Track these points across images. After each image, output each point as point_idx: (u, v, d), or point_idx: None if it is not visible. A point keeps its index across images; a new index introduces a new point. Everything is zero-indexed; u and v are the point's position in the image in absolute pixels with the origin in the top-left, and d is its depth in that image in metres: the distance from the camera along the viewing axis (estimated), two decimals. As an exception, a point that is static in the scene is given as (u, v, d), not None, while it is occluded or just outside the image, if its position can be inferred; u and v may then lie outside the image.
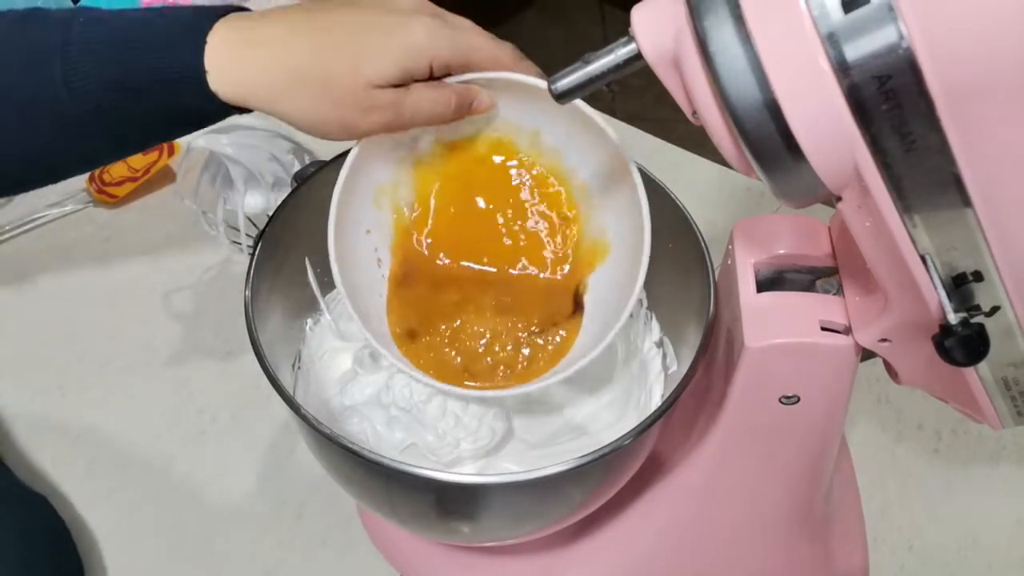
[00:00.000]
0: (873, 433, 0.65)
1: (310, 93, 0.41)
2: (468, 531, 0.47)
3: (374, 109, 0.41)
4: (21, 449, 0.63)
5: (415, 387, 0.51)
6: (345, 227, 0.46)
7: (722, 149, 0.31)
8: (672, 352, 0.53)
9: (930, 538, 0.60)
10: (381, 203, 0.49)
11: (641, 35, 0.31)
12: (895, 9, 0.25)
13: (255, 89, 0.41)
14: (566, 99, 0.34)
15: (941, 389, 0.40)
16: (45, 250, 0.77)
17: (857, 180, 0.29)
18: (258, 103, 0.41)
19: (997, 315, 0.32)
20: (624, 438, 0.40)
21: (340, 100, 0.41)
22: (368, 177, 0.47)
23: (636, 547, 0.54)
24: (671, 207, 0.50)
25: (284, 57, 0.40)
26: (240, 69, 0.40)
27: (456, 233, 0.50)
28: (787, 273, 0.45)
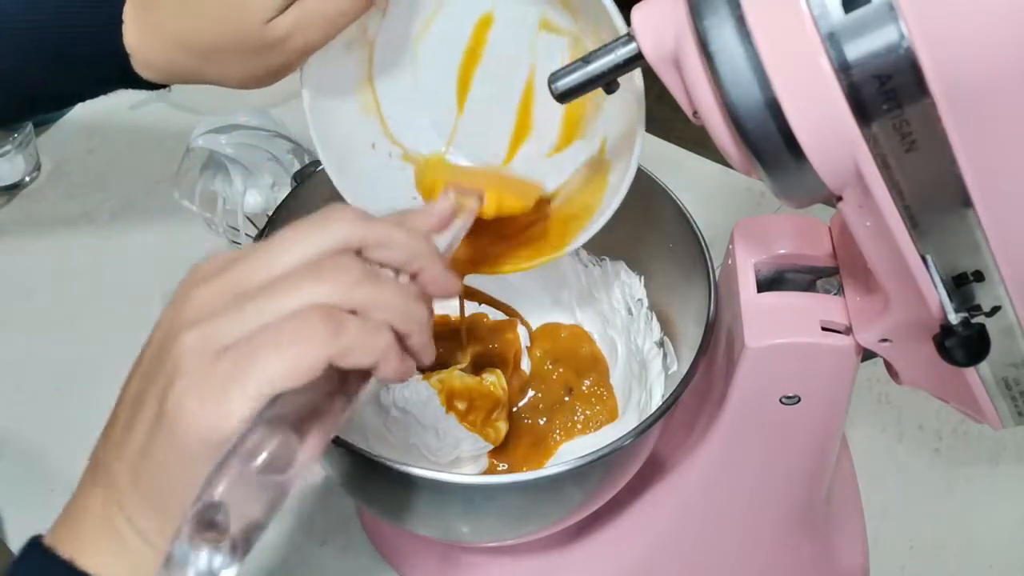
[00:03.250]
0: (873, 433, 0.65)
1: (215, 60, 0.41)
2: (468, 531, 0.47)
3: (283, 40, 0.40)
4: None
5: (415, 387, 0.51)
6: (348, 157, 0.46)
7: (723, 149, 0.31)
8: (672, 352, 0.53)
9: (930, 538, 0.60)
10: (366, 104, 0.48)
11: (641, 35, 0.31)
12: (896, 9, 0.25)
13: (173, 72, 0.42)
14: (566, 99, 0.34)
15: (942, 389, 0.40)
16: (44, 250, 0.76)
17: (857, 180, 0.29)
18: (184, 80, 0.43)
19: (998, 315, 0.32)
20: (624, 438, 0.40)
21: (245, 53, 0.40)
22: (340, 94, 0.46)
23: (636, 547, 0.54)
24: (671, 207, 0.50)
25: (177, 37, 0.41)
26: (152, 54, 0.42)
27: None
28: (787, 273, 0.45)
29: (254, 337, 0.27)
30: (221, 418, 0.26)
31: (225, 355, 0.27)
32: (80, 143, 0.86)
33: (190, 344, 0.27)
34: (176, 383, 0.27)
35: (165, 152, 0.79)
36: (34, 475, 0.62)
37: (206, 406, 0.26)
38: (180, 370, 0.27)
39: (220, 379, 0.27)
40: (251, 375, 0.26)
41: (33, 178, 0.81)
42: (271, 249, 0.29)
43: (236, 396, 0.26)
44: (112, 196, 0.81)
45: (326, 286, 0.28)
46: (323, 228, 0.29)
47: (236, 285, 0.29)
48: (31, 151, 0.80)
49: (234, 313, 0.28)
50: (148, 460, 0.28)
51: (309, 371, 0.27)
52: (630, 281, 0.56)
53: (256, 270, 0.29)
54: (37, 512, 0.65)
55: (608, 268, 0.57)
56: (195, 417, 0.26)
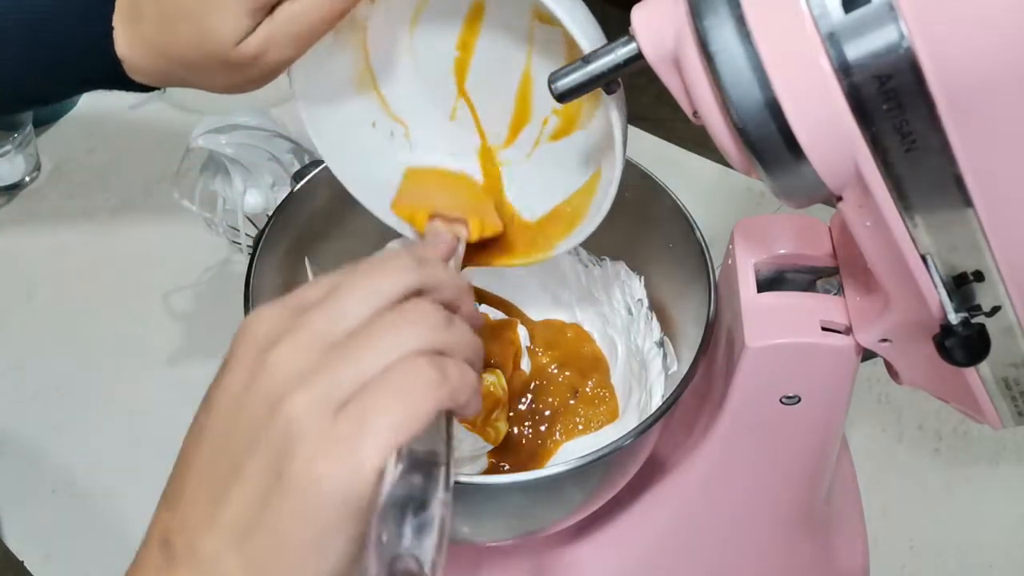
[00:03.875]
0: (873, 433, 0.65)
1: (198, 71, 0.41)
2: (468, 531, 0.47)
3: (256, 58, 0.39)
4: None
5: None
6: (345, 140, 0.46)
7: (723, 149, 0.31)
8: (672, 352, 0.53)
9: (930, 538, 0.60)
10: (365, 87, 0.47)
11: (641, 35, 0.31)
12: (896, 9, 0.25)
13: (162, 78, 0.43)
14: (566, 99, 0.34)
15: (942, 389, 0.40)
16: (44, 249, 0.77)
17: (858, 180, 0.29)
18: (173, 85, 0.43)
19: (998, 315, 0.32)
20: (624, 438, 0.40)
21: (224, 68, 0.40)
22: (334, 76, 0.45)
23: (636, 547, 0.54)
24: (671, 207, 0.50)
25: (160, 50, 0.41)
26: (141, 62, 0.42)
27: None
28: (787, 273, 0.45)
29: (369, 389, 0.27)
30: (356, 476, 0.26)
31: (344, 412, 0.26)
32: (80, 143, 0.86)
33: (304, 406, 0.26)
34: (298, 449, 0.26)
35: (165, 152, 0.79)
36: (34, 475, 0.62)
37: (338, 466, 0.26)
38: (300, 435, 0.26)
39: (347, 437, 0.26)
40: (376, 427, 0.26)
41: (33, 178, 0.81)
42: (340, 299, 0.29)
43: (367, 451, 0.26)
44: (112, 196, 0.81)
45: (418, 332, 0.28)
46: (388, 276, 0.30)
47: (321, 339, 0.28)
48: (31, 151, 0.80)
49: (338, 367, 0.27)
50: (264, 532, 0.27)
51: (428, 415, 0.27)
52: (630, 281, 0.56)
53: (336, 321, 0.28)
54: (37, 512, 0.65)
55: (608, 268, 0.57)
56: (329, 480, 0.26)
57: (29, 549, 0.58)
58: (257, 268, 0.47)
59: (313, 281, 0.31)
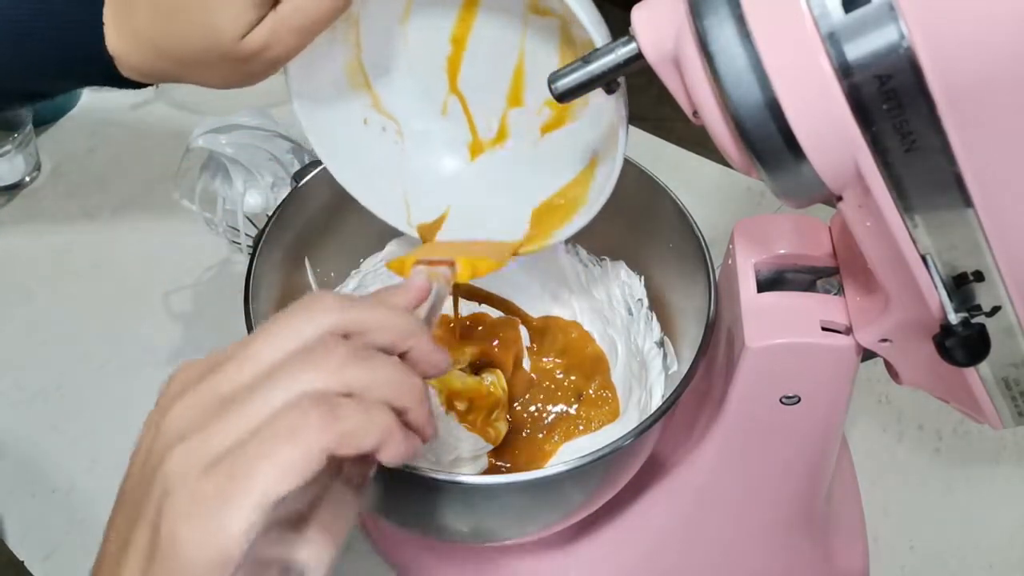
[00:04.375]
0: (873, 433, 0.65)
1: (194, 67, 0.40)
2: (468, 531, 0.47)
3: (259, 52, 0.39)
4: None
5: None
6: (339, 138, 0.46)
7: (723, 149, 0.31)
8: (672, 352, 0.53)
9: (930, 538, 0.60)
10: (357, 84, 0.47)
11: (641, 34, 0.31)
12: (896, 8, 0.25)
13: (155, 75, 0.42)
14: (566, 99, 0.34)
15: (942, 389, 0.40)
16: (44, 250, 0.77)
17: (858, 180, 0.29)
18: (166, 81, 0.42)
19: (998, 315, 0.32)
20: (624, 438, 0.40)
21: (223, 64, 0.39)
22: (327, 74, 0.45)
23: (636, 547, 0.54)
24: (671, 207, 0.50)
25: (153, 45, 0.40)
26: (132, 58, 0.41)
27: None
28: (788, 273, 0.45)
29: (244, 443, 0.24)
30: (221, 540, 0.24)
31: (214, 468, 0.24)
32: (80, 143, 0.86)
33: (177, 460, 0.25)
34: (166, 509, 0.24)
35: (165, 152, 0.79)
36: (34, 475, 0.62)
37: (202, 529, 0.24)
38: (169, 493, 0.25)
39: (213, 497, 0.24)
40: (245, 486, 0.24)
41: (33, 178, 0.81)
42: (250, 348, 0.27)
43: (233, 513, 0.24)
44: (112, 196, 0.81)
45: (312, 371, 0.26)
46: (305, 317, 0.27)
47: (216, 392, 0.26)
48: (31, 151, 0.80)
49: (219, 421, 0.25)
50: None
51: (308, 467, 0.24)
52: (630, 281, 0.56)
53: (238, 371, 0.26)
54: (37, 512, 0.65)
55: (608, 268, 0.57)
56: (193, 544, 0.24)
57: (29, 549, 0.58)
58: (257, 268, 0.47)
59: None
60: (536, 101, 0.47)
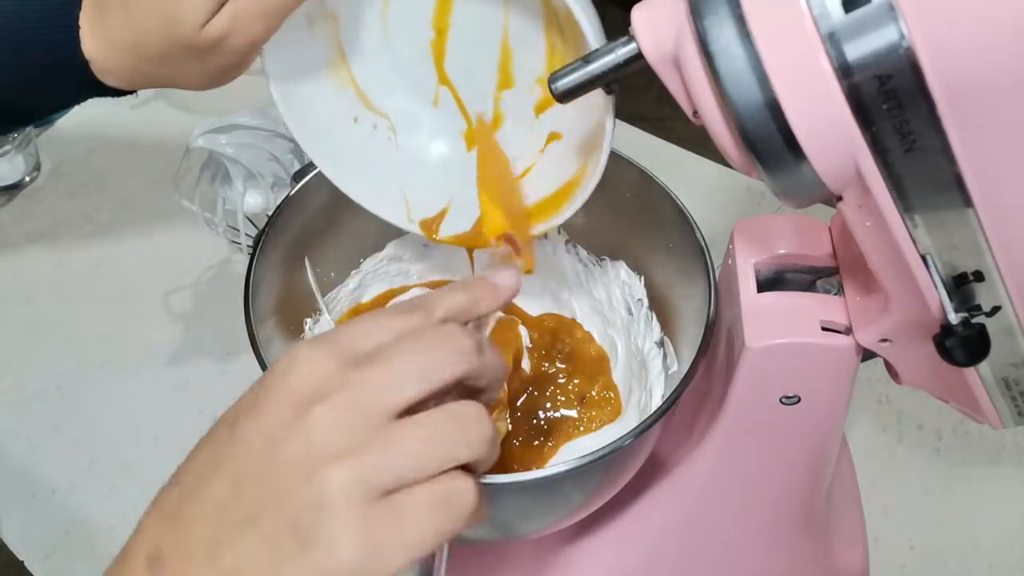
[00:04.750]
0: (873, 433, 0.65)
1: (167, 65, 0.40)
2: (468, 531, 0.47)
3: (223, 40, 0.39)
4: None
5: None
6: (330, 138, 0.45)
7: (723, 149, 0.31)
8: (672, 352, 0.53)
9: (930, 538, 0.60)
10: (342, 82, 0.47)
11: (641, 35, 0.31)
12: (896, 8, 0.25)
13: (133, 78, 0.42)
14: (566, 99, 0.34)
15: (942, 389, 0.40)
16: (45, 250, 0.77)
17: (858, 180, 0.29)
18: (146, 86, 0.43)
19: (998, 315, 0.32)
20: (624, 438, 0.40)
21: (193, 57, 0.39)
22: (310, 74, 0.45)
23: (636, 547, 0.54)
24: (671, 207, 0.50)
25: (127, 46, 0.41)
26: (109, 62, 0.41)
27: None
28: (788, 273, 0.45)
29: (414, 493, 0.27)
30: (376, 570, 0.26)
31: (381, 505, 0.26)
32: (80, 143, 0.86)
33: (343, 484, 0.26)
34: (325, 525, 0.26)
35: (165, 152, 0.79)
36: (34, 475, 0.62)
37: (361, 559, 0.26)
38: (331, 511, 0.26)
39: (377, 533, 0.26)
40: (411, 532, 0.26)
41: (33, 178, 0.81)
42: (395, 369, 0.28)
43: (393, 555, 0.26)
44: (112, 196, 0.81)
45: (468, 444, 0.28)
46: (449, 356, 0.29)
47: (369, 412, 0.27)
48: (31, 151, 0.80)
49: (385, 454, 0.27)
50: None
51: (450, 536, 0.27)
52: (630, 281, 0.56)
53: (386, 394, 0.27)
54: (37, 512, 0.65)
55: (608, 268, 0.57)
56: (348, 565, 0.25)
57: (29, 549, 0.58)
58: (257, 268, 0.47)
59: (363, 319, 0.30)
60: (527, 79, 0.46)
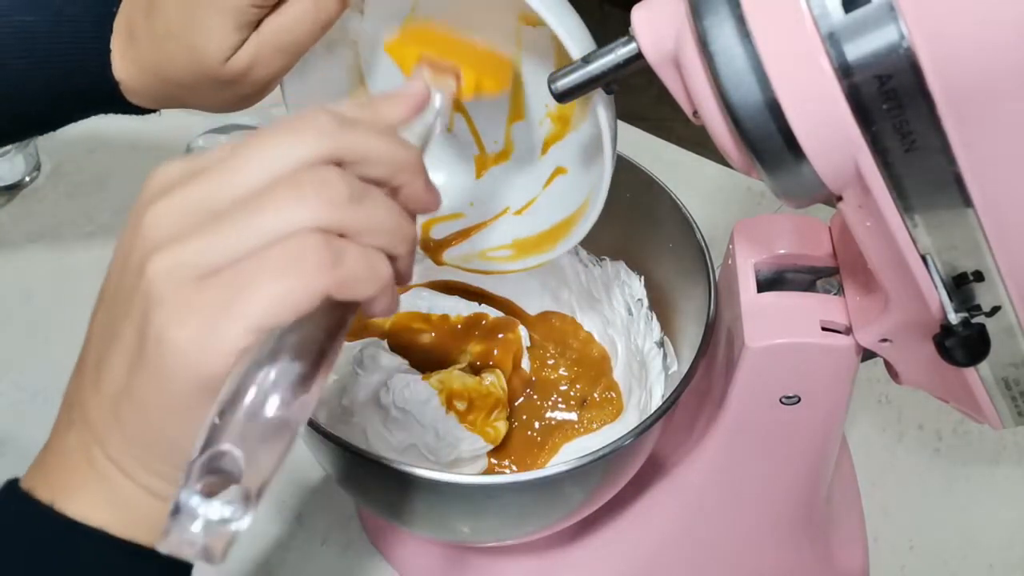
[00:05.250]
0: (873, 433, 0.65)
1: (191, 91, 0.42)
2: (468, 531, 0.47)
3: (245, 73, 0.40)
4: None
5: (415, 387, 0.51)
6: None
7: (723, 149, 0.31)
8: (672, 352, 0.53)
9: (930, 538, 0.60)
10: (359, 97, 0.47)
11: (641, 35, 0.31)
12: (896, 9, 0.25)
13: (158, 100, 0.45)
14: (566, 99, 0.34)
15: (942, 389, 0.40)
16: (45, 250, 0.76)
17: (858, 180, 0.29)
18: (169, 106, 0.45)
19: (998, 315, 0.32)
20: (624, 438, 0.40)
21: (215, 86, 0.41)
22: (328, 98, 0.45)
23: (636, 547, 0.54)
24: (671, 207, 0.50)
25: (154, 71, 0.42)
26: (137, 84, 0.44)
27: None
28: (788, 273, 0.45)
29: (242, 262, 0.24)
30: (212, 354, 0.23)
31: (209, 282, 0.24)
32: (80, 143, 0.86)
33: (164, 268, 0.24)
34: (154, 314, 0.24)
35: (165, 152, 0.78)
36: (34, 475, 0.62)
37: (194, 341, 0.23)
38: (156, 299, 0.24)
39: (208, 310, 0.24)
40: (244, 306, 0.23)
41: (33, 178, 0.81)
42: (239, 158, 0.26)
43: (228, 330, 0.23)
44: (112, 196, 0.81)
45: (314, 206, 0.24)
46: (298, 137, 0.26)
47: (204, 200, 0.25)
48: (31, 151, 0.80)
49: (211, 233, 0.24)
50: (130, 397, 0.25)
51: (306, 304, 0.24)
52: (630, 281, 0.56)
53: (225, 184, 0.25)
54: (37, 512, 0.64)
55: (608, 268, 0.57)
56: (183, 353, 0.24)
57: (29, 549, 0.58)
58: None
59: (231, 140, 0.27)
60: (538, 113, 0.47)
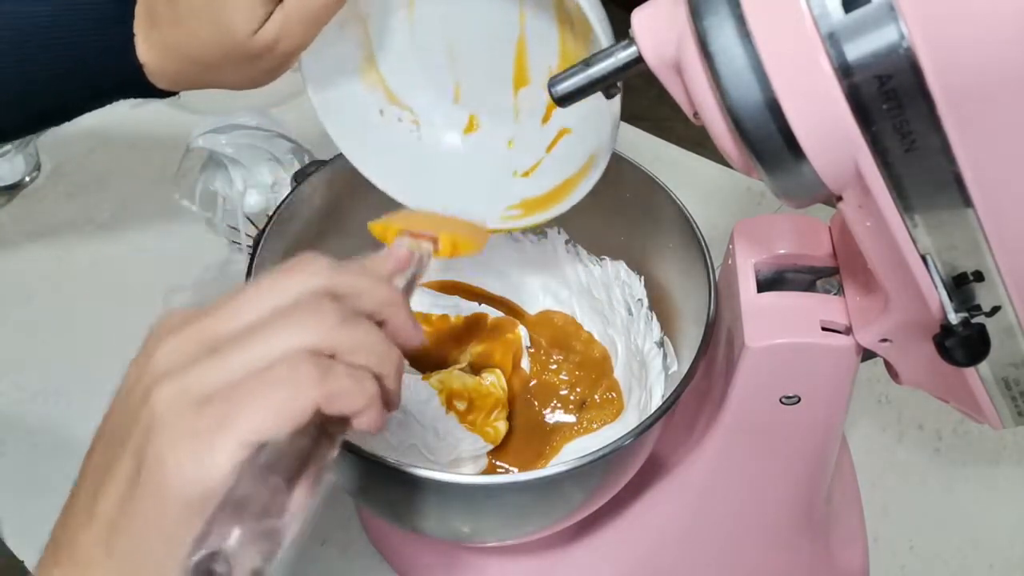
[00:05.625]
0: (873, 433, 0.65)
1: (215, 69, 0.42)
2: (468, 531, 0.47)
3: (271, 47, 0.41)
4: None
5: (415, 387, 0.51)
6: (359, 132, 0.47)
7: (723, 149, 0.31)
8: (672, 352, 0.53)
9: (930, 538, 0.60)
10: (370, 80, 0.49)
11: (642, 38, 0.31)
12: (896, 9, 0.25)
13: (180, 80, 0.44)
14: (566, 103, 0.34)
15: (942, 389, 0.40)
16: (45, 250, 0.77)
17: (858, 180, 0.29)
18: (190, 87, 0.45)
19: (998, 315, 0.32)
20: (624, 438, 0.40)
21: (240, 62, 0.41)
22: (342, 74, 0.47)
23: (636, 547, 0.54)
24: (671, 207, 0.50)
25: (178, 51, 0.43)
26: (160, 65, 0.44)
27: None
28: (787, 273, 0.45)
29: (238, 384, 0.26)
30: (206, 470, 0.25)
31: (208, 404, 0.25)
32: (80, 143, 0.86)
33: (167, 395, 0.26)
34: (155, 438, 0.25)
35: (165, 152, 0.79)
36: (34, 475, 0.62)
37: (189, 459, 0.25)
38: (158, 424, 0.25)
39: (204, 430, 0.25)
40: (237, 423, 0.25)
41: (33, 178, 0.81)
42: (240, 298, 0.28)
43: (222, 446, 0.25)
44: (112, 196, 0.81)
45: (307, 329, 0.27)
46: (293, 277, 0.29)
47: (208, 336, 0.27)
48: (31, 151, 0.80)
49: (212, 360, 0.26)
50: (123, 526, 0.26)
51: (297, 416, 0.26)
52: (630, 281, 0.56)
53: (228, 320, 0.28)
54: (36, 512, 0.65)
55: (608, 268, 0.57)
56: (178, 471, 0.25)
57: (29, 549, 0.58)
58: (257, 268, 0.47)
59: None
60: (541, 76, 0.48)
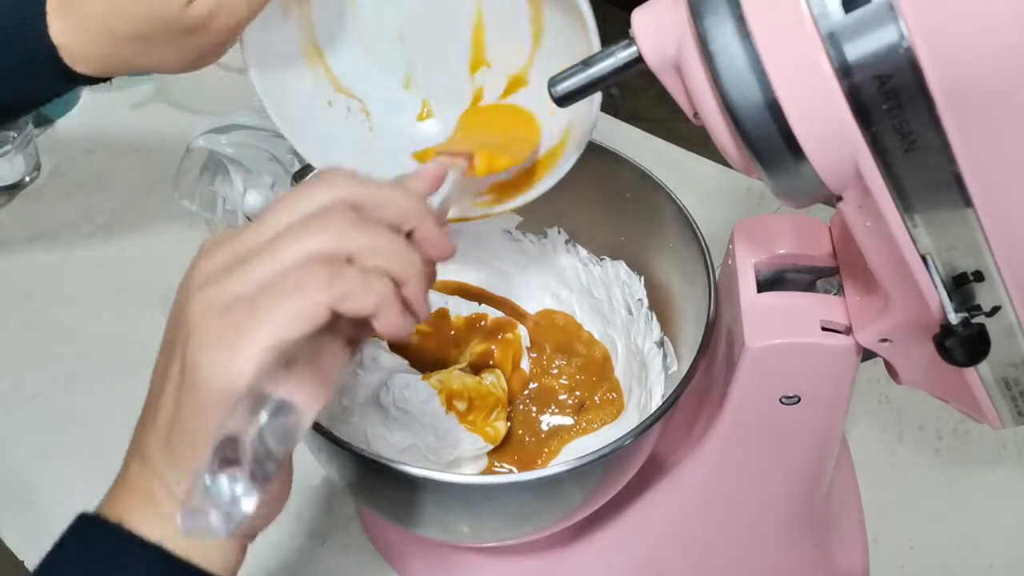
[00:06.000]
0: (873, 433, 0.65)
1: (146, 47, 0.41)
2: (468, 531, 0.47)
3: (207, 20, 0.39)
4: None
5: (415, 387, 0.51)
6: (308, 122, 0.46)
7: (723, 149, 0.31)
8: (672, 352, 0.53)
9: (930, 538, 0.60)
10: (316, 67, 0.47)
11: (642, 38, 0.31)
12: (896, 9, 0.25)
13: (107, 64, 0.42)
14: (566, 103, 0.34)
15: (942, 389, 0.40)
16: (45, 250, 0.76)
17: (858, 180, 0.29)
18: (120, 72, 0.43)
19: (998, 315, 0.32)
20: (624, 438, 0.40)
21: (173, 37, 0.40)
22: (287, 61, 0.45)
23: (636, 547, 0.54)
24: (671, 207, 0.50)
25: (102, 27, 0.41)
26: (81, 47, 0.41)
27: None
28: (788, 273, 0.45)
29: (255, 293, 0.28)
30: (234, 367, 0.27)
31: (229, 312, 0.28)
32: (80, 143, 0.86)
33: (199, 305, 0.28)
34: (190, 345, 0.28)
35: (165, 152, 0.79)
36: (34, 475, 0.62)
37: (218, 358, 0.27)
38: (192, 332, 0.28)
39: (230, 331, 0.27)
40: (258, 325, 0.27)
41: (33, 178, 0.81)
42: (268, 213, 0.30)
43: (246, 345, 0.27)
44: (112, 196, 0.81)
45: (319, 234, 0.28)
46: (317, 189, 0.30)
47: (239, 248, 0.29)
48: (31, 151, 0.80)
49: (236, 271, 0.28)
50: (176, 423, 0.29)
51: (312, 318, 0.27)
52: (630, 281, 0.56)
53: (256, 235, 0.29)
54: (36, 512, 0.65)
55: (608, 268, 0.57)
56: (209, 369, 0.27)
57: (29, 549, 0.58)
58: (257, 268, 0.47)
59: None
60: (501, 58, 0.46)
